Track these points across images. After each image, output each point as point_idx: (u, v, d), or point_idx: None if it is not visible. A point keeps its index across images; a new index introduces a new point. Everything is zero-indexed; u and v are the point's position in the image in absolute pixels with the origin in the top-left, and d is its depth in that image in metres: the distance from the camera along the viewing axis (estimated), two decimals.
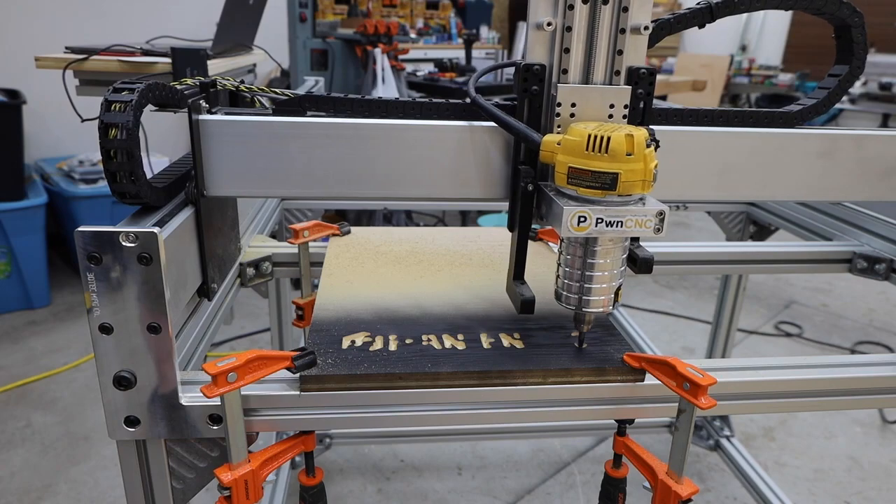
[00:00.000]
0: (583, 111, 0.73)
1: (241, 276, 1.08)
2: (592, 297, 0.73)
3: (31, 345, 2.70)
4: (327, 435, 2.09)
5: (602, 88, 0.73)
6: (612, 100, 0.73)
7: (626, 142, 0.63)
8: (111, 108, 0.66)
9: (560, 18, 0.70)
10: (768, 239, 1.71)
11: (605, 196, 0.65)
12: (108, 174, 0.68)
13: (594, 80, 0.73)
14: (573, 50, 0.71)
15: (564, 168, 0.66)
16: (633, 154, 0.63)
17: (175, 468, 0.74)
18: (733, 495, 1.99)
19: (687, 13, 0.78)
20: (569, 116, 0.73)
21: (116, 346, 0.66)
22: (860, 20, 0.80)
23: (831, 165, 0.84)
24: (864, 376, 0.81)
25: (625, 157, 0.63)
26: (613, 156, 0.63)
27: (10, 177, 2.82)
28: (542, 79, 0.73)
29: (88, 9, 3.43)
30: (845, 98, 5.59)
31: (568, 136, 0.67)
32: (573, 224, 0.65)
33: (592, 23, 0.71)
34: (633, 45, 0.72)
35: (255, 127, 0.73)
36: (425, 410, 0.73)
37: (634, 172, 0.64)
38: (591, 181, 0.64)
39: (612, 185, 0.64)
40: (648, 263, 0.77)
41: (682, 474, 0.70)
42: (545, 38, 0.71)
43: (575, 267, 0.72)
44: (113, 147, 0.66)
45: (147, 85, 0.68)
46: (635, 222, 0.66)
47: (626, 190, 0.64)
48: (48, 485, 1.93)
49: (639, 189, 0.65)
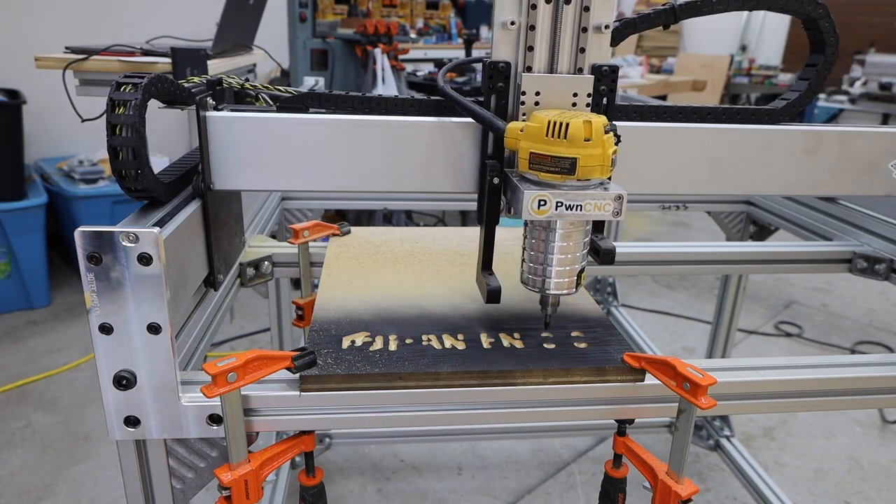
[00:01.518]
0: (547, 99, 0.75)
1: (241, 276, 1.08)
2: (555, 279, 0.75)
3: (31, 345, 2.70)
4: (327, 435, 2.09)
5: (566, 77, 0.75)
6: (576, 88, 0.75)
7: (585, 128, 0.65)
8: (120, 88, 0.67)
9: (524, 17, 0.72)
10: (768, 239, 1.71)
11: (565, 180, 0.67)
12: (116, 172, 0.68)
13: None
14: (537, 48, 0.74)
15: (526, 154, 0.69)
16: (592, 140, 0.66)
17: (175, 468, 0.74)
18: (733, 495, 1.99)
19: (651, 13, 0.80)
20: (533, 105, 0.75)
21: (116, 346, 0.66)
22: (825, 11, 0.82)
23: (817, 161, 0.87)
24: (864, 376, 0.81)
25: (583, 142, 0.66)
26: (572, 141, 0.66)
27: (10, 177, 2.82)
28: (508, 76, 0.75)
29: (88, 9, 3.43)
30: (845, 98, 5.59)
31: (530, 123, 0.69)
32: (533, 207, 0.67)
33: (555, 22, 0.73)
34: (596, 44, 0.74)
35: (260, 123, 0.75)
36: (425, 410, 0.74)
37: (593, 157, 0.66)
38: (551, 166, 0.67)
39: (571, 170, 0.66)
40: (610, 254, 0.79)
41: (682, 474, 0.70)
42: (510, 37, 0.74)
43: (538, 250, 0.75)
44: (120, 145, 0.66)
45: (150, 78, 0.69)
46: (594, 206, 0.68)
47: (584, 174, 0.67)
48: (48, 485, 1.93)
49: (598, 174, 0.67)
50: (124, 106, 0.66)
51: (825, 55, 0.84)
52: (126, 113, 0.66)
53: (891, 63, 5.47)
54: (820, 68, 0.85)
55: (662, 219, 4.79)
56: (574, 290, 0.77)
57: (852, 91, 5.54)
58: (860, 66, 5.66)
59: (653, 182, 0.85)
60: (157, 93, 0.71)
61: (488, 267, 0.83)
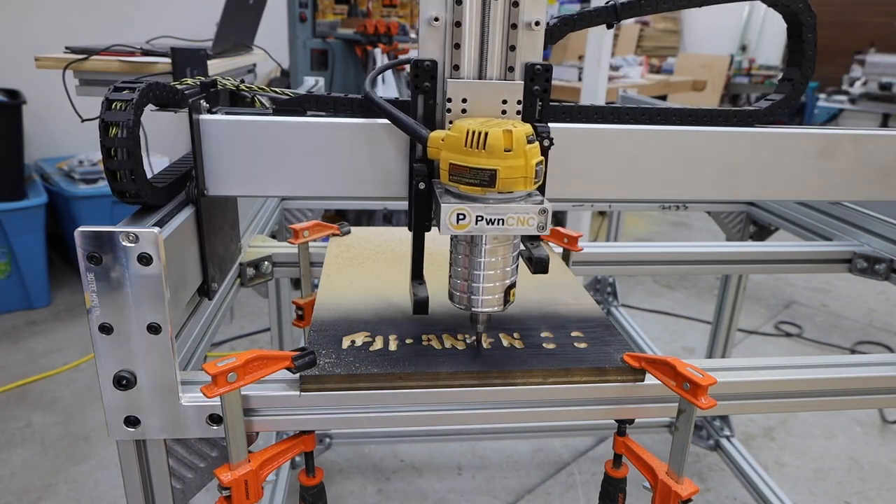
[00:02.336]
0: (474, 106, 0.72)
1: (241, 276, 1.08)
2: (481, 295, 0.72)
3: (31, 345, 2.70)
4: (327, 435, 2.09)
5: (493, 84, 0.71)
6: (505, 95, 0.72)
7: (505, 137, 0.62)
8: (112, 106, 0.66)
9: (449, 13, 0.69)
10: (768, 239, 1.71)
11: (485, 193, 0.64)
12: (109, 172, 0.68)
13: (489, 76, 0.72)
14: (464, 46, 0.70)
15: (447, 165, 0.65)
16: (513, 150, 0.63)
17: (175, 468, 0.74)
18: (733, 495, 1.99)
19: (592, 11, 0.77)
20: (460, 112, 0.72)
21: (116, 346, 0.66)
22: (813, 20, 0.79)
23: (830, 165, 0.84)
24: (864, 376, 0.81)
25: (503, 153, 0.62)
26: (491, 152, 0.63)
27: (10, 177, 2.82)
28: (434, 75, 0.71)
29: (88, 9, 3.43)
30: (845, 98, 5.59)
31: (450, 133, 0.66)
32: (452, 222, 0.64)
33: (484, 18, 0.69)
34: (528, 41, 0.71)
35: (255, 127, 0.74)
36: (425, 410, 0.73)
37: (514, 169, 0.63)
38: (471, 178, 0.64)
39: (490, 182, 0.63)
40: (543, 263, 0.75)
41: (682, 474, 0.70)
42: (436, 34, 0.70)
43: (463, 266, 0.72)
44: (113, 145, 0.66)
45: (148, 84, 0.68)
46: (517, 220, 0.64)
47: (505, 187, 0.63)
48: (48, 485, 1.93)
49: (521, 186, 0.64)
50: (117, 126, 0.65)
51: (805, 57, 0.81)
52: (119, 136, 0.65)
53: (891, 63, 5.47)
54: (804, 69, 0.82)
55: (662, 219, 4.79)
56: (502, 307, 0.73)
57: (852, 91, 5.55)
58: (860, 66, 5.66)
59: (661, 187, 0.83)
60: (152, 100, 0.70)
61: (418, 276, 0.79)
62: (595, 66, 2.72)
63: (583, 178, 0.80)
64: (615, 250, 1.27)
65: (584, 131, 0.79)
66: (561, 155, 0.77)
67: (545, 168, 0.71)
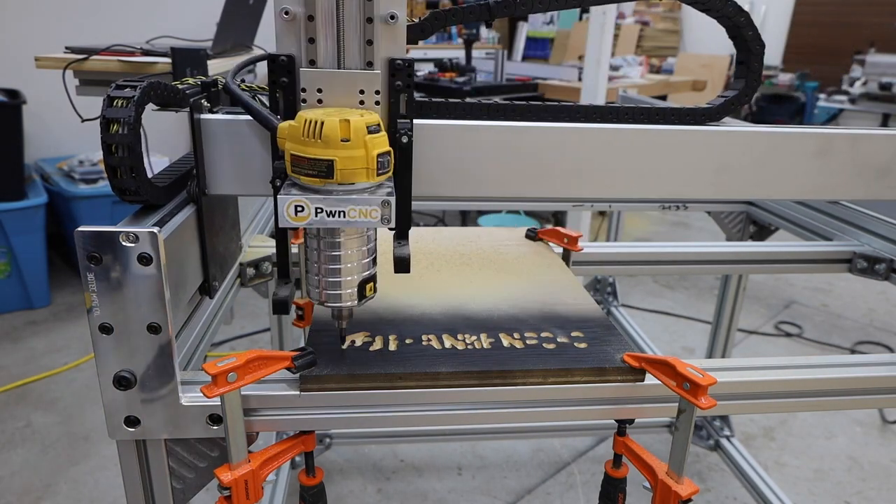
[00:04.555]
0: (330, 97, 0.70)
1: (241, 276, 1.08)
2: (334, 290, 0.70)
3: (31, 345, 2.70)
4: (327, 435, 2.09)
5: (348, 73, 0.70)
6: (362, 85, 0.70)
7: (341, 127, 0.61)
8: (113, 103, 0.66)
9: (301, 7, 0.67)
10: (768, 239, 1.71)
11: (325, 184, 0.63)
12: (109, 169, 0.68)
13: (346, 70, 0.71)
14: (319, 40, 0.68)
15: (289, 156, 0.64)
16: (351, 140, 0.61)
17: (175, 468, 0.74)
18: (733, 495, 1.99)
19: (465, 8, 0.75)
20: (316, 103, 0.70)
21: (116, 346, 0.66)
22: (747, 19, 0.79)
23: (827, 164, 0.84)
24: (864, 376, 0.81)
25: (339, 143, 0.61)
26: (327, 142, 0.61)
27: (10, 177, 2.82)
28: (292, 70, 0.69)
29: (88, 9, 3.43)
30: (845, 98, 5.59)
31: (293, 123, 0.65)
32: (290, 213, 0.62)
33: (338, 12, 0.68)
34: (387, 35, 0.69)
35: (255, 126, 0.74)
36: (425, 410, 0.73)
37: (353, 160, 0.62)
38: (309, 168, 0.62)
39: (329, 173, 0.61)
40: (403, 262, 0.74)
41: (682, 474, 0.70)
42: (291, 28, 0.68)
43: (312, 260, 0.70)
44: (114, 142, 0.66)
45: (150, 82, 0.69)
46: (359, 212, 0.63)
47: (345, 178, 0.62)
48: (48, 485, 1.93)
49: (362, 178, 0.63)
50: (118, 124, 0.65)
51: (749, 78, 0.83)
52: (120, 132, 0.65)
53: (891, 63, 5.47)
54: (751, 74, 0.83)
55: (662, 219, 4.79)
56: (356, 301, 0.71)
57: (852, 91, 5.54)
58: (860, 66, 5.66)
59: (657, 186, 0.83)
60: (154, 98, 0.71)
61: (284, 274, 0.78)
62: (595, 66, 2.72)
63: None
64: (615, 250, 1.27)
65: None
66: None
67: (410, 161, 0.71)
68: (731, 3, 0.78)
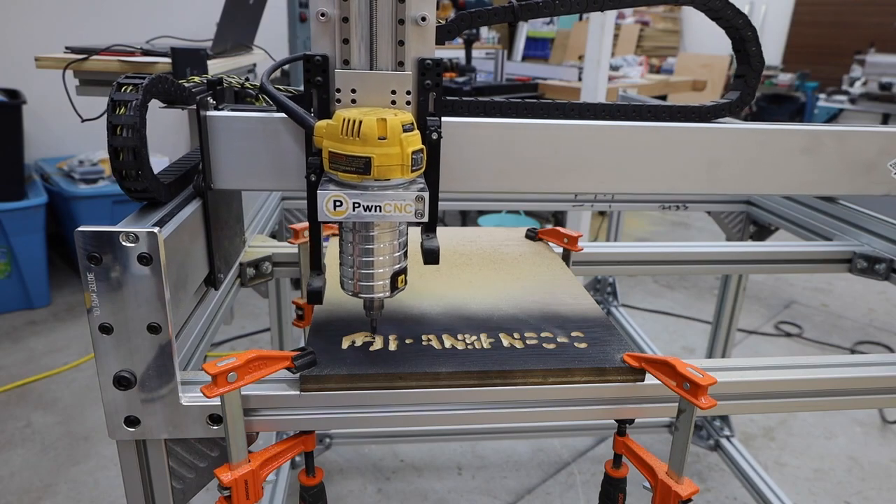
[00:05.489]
0: (364, 97, 0.73)
1: (241, 276, 1.08)
2: (367, 282, 0.73)
3: (31, 345, 2.70)
4: (327, 435, 2.09)
5: (381, 74, 0.72)
6: (394, 86, 0.73)
7: (379, 126, 0.64)
8: (121, 88, 0.66)
9: (336, 9, 0.69)
10: (768, 239, 1.71)
11: (363, 180, 0.65)
12: (116, 172, 0.68)
13: (379, 70, 0.73)
14: (353, 40, 0.71)
15: (327, 153, 0.67)
16: (388, 138, 0.64)
17: (175, 468, 0.74)
18: (733, 495, 1.99)
19: (491, 10, 0.78)
20: (350, 103, 0.73)
21: (116, 346, 0.66)
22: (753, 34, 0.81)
23: (815, 160, 0.86)
24: (864, 376, 0.81)
25: (377, 141, 0.64)
26: (365, 140, 0.64)
27: (10, 177, 2.82)
28: (326, 69, 0.72)
29: (88, 9, 3.43)
30: (845, 98, 5.59)
31: (330, 122, 0.68)
32: (329, 208, 0.65)
33: (371, 13, 0.70)
34: (418, 36, 0.71)
35: (261, 122, 0.75)
36: (425, 410, 0.74)
37: (390, 157, 0.65)
38: (347, 165, 0.65)
39: (366, 169, 0.64)
40: (433, 254, 0.76)
41: (682, 474, 0.70)
42: (326, 29, 0.70)
43: (347, 252, 0.73)
44: (120, 145, 0.66)
45: (151, 79, 0.69)
46: (395, 207, 0.66)
47: (381, 174, 0.65)
48: (48, 485, 1.93)
49: (397, 174, 0.66)
50: (125, 106, 0.66)
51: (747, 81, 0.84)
52: (127, 113, 0.66)
53: (891, 63, 5.47)
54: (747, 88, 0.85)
55: (662, 219, 4.79)
56: (388, 293, 0.74)
57: (852, 91, 5.55)
58: (860, 66, 5.67)
59: (651, 182, 0.84)
60: (159, 93, 0.71)
61: (317, 266, 0.80)
62: (595, 66, 2.72)
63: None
64: (615, 250, 1.27)
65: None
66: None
67: (438, 158, 0.74)
68: (741, 16, 0.80)
